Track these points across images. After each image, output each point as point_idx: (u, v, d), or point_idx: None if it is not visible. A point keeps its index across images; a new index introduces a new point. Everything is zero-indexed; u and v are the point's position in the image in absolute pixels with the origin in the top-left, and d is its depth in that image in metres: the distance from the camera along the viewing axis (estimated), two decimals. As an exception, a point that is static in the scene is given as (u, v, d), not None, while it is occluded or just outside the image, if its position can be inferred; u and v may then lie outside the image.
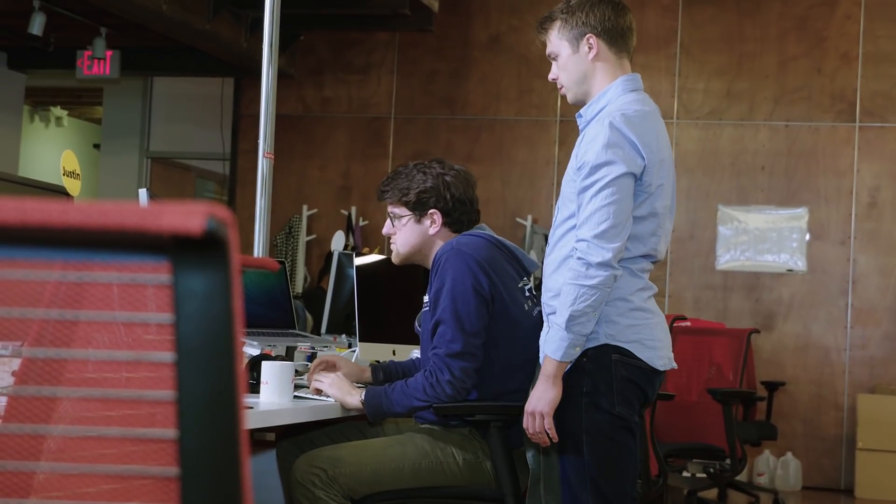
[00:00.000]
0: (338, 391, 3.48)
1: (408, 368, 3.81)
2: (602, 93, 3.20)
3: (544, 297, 3.20)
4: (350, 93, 9.90)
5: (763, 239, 9.04)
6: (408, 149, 9.69)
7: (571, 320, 3.00)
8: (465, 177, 3.68)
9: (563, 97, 3.33)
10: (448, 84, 9.70)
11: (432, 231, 3.62)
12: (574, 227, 3.10)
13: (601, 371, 3.09)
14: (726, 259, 9.09)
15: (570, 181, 3.13)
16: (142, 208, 0.94)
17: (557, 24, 3.24)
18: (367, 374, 3.75)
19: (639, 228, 3.10)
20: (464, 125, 9.63)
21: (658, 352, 3.16)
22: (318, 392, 3.54)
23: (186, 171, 11.53)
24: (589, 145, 3.07)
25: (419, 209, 3.62)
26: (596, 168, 3.03)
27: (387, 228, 3.70)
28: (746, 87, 9.15)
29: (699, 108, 9.20)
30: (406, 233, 3.64)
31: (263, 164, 4.71)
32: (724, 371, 6.48)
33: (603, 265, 2.98)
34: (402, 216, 3.64)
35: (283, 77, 9.27)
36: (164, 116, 10.97)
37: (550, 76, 3.29)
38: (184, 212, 0.93)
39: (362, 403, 3.45)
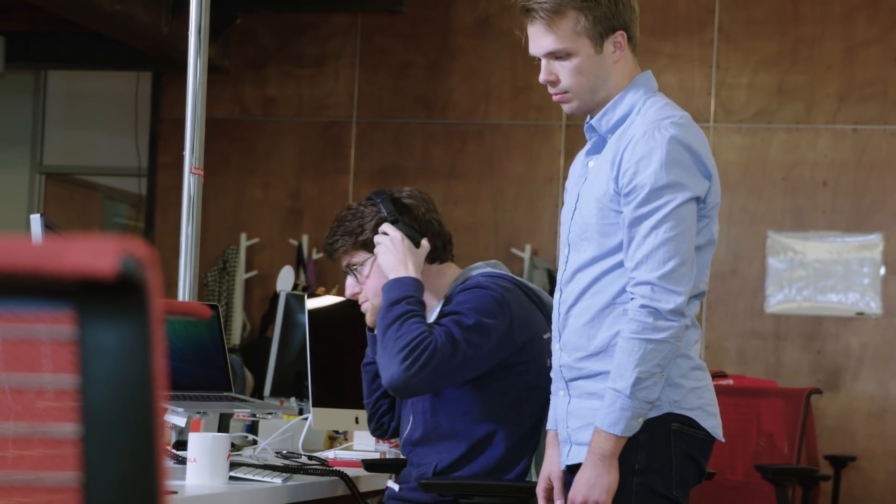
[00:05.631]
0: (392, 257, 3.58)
1: None
2: (618, 98, 3.20)
3: (567, 359, 3.18)
4: (300, 91, 9.91)
5: (826, 274, 9.07)
6: (374, 161, 9.71)
7: (638, 384, 2.99)
8: (421, 195, 3.71)
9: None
10: (424, 80, 9.73)
11: None
12: (615, 267, 3.11)
13: (658, 444, 3.10)
14: (778, 299, 9.12)
15: (604, 209, 3.13)
16: (37, 244, 0.95)
17: (574, 14, 3.15)
18: None
19: (697, 261, 3.13)
20: (444, 131, 9.66)
21: (718, 419, 3.20)
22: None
23: (92, 191, 11.50)
24: (640, 164, 3.06)
25: None
26: (656, 192, 3.04)
27: (351, 288, 3.70)
28: (803, 82, 9.20)
29: (743, 109, 9.24)
30: (376, 280, 3.64)
31: (190, 182, 4.71)
32: (776, 442, 6.49)
33: (675, 313, 3.00)
34: (364, 262, 3.65)
35: (214, 71, 9.28)
36: (61, 121, 10.95)
37: (545, 78, 3.21)
38: (91, 249, 0.94)
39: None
